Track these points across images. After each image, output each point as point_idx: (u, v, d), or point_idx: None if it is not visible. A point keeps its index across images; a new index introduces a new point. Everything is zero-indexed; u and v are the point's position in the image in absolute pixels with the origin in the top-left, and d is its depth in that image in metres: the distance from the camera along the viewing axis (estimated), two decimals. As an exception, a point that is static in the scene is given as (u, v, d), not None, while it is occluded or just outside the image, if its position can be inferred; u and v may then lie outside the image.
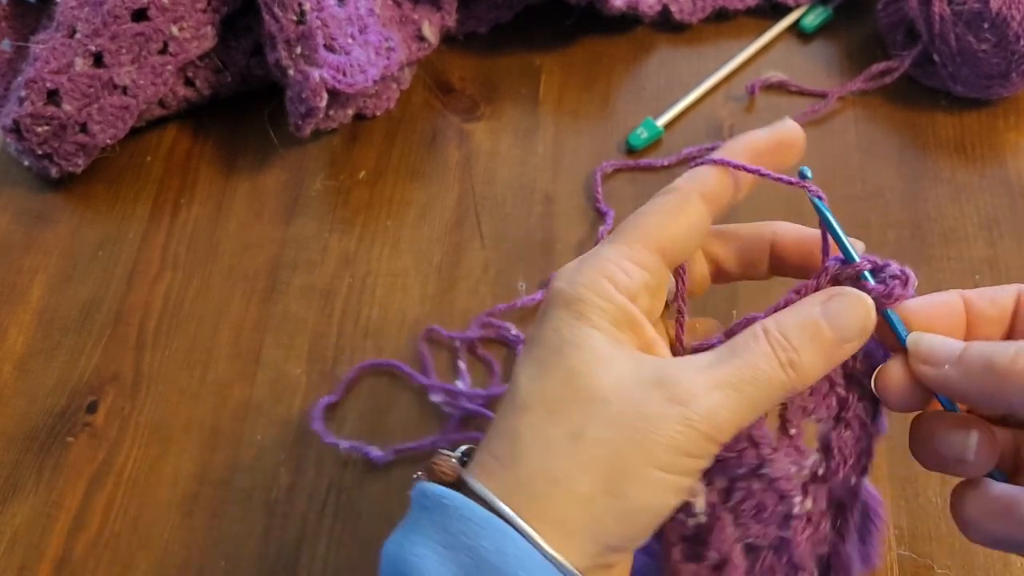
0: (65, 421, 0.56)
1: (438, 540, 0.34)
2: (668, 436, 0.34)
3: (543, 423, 0.35)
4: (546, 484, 0.35)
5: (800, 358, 0.36)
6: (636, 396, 0.35)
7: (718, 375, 0.36)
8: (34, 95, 0.61)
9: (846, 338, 0.37)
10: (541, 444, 0.35)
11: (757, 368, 0.36)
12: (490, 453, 0.36)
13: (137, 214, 0.64)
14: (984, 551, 0.49)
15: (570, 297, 0.37)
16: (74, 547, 0.52)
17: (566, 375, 0.36)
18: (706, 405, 0.35)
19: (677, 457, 0.35)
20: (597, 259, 0.38)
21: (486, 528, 0.34)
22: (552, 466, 0.35)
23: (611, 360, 0.36)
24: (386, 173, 0.65)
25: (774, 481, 0.38)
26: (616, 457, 0.34)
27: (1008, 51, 0.60)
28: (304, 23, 0.60)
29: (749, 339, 0.36)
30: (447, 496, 0.35)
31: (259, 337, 0.58)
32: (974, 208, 0.61)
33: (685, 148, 0.64)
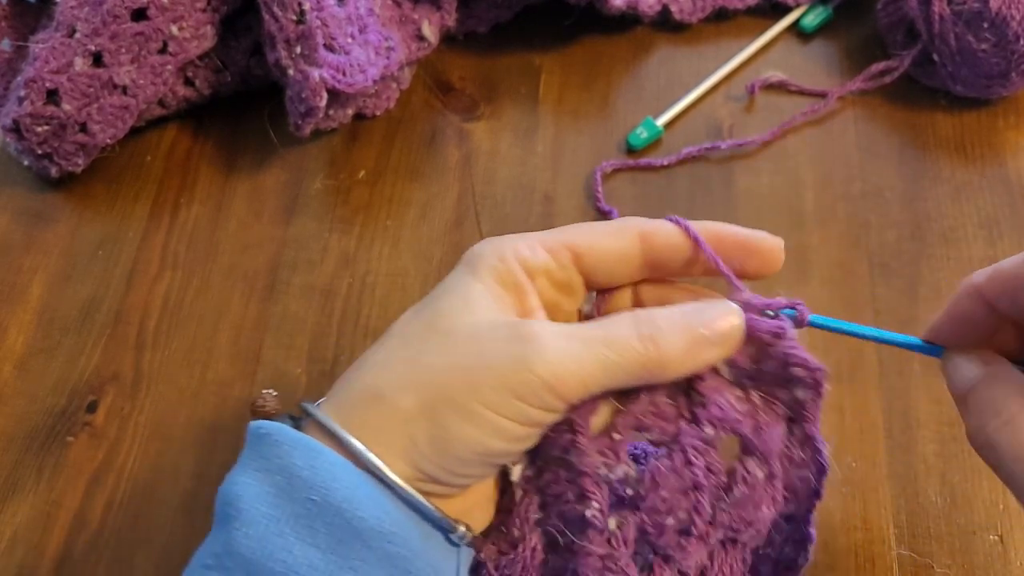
0: (65, 420, 0.56)
1: (255, 467, 0.35)
2: (499, 372, 0.34)
3: (390, 349, 0.37)
4: (370, 397, 0.36)
5: (661, 336, 0.36)
6: (483, 333, 0.36)
7: (572, 328, 0.36)
8: (34, 95, 0.61)
9: (714, 333, 0.37)
10: (378, 364, 0.37)
11: (615, 333, 0.36)
12: (341, 378, 0.38)
13: (137, 214, 0.64)
14: (984, 550, 0.49)
15: (471, 255, 0.39)
16: (74, 546, 0.52)
17: (431, 314, 0.37)
18: (549, 349, 0.35)
19: (504, 397, 0.35)
20: (513, 235, 0.39)
21: (297, 447, 0.35)
22: (379, 382, 0.36)
23: (475, 305, 0.37)
24: (386, 173, 0.65)
25: (580, 475, 0.37)
26: (443, 383, 0.35)
27: (1008, 51, 0.60)
28: (304, 23, 0.60)
29: (614, 315, 0.37)
30: (262, 426, 0.36)
31: (259, 337, 0.58)
32: (974, 208, 0.61)
33: (685, 148, 0.64)
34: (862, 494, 0.51)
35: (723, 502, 0.38)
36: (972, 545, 0.49)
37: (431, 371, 0.35)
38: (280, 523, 0.34)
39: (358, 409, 0.36)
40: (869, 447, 0.52)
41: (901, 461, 0.51)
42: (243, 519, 0.34)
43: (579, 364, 0.35)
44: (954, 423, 0.52)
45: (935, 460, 0.51)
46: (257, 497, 0.34)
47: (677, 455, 0.38)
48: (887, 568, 0.49)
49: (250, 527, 0.34)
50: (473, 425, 0.35)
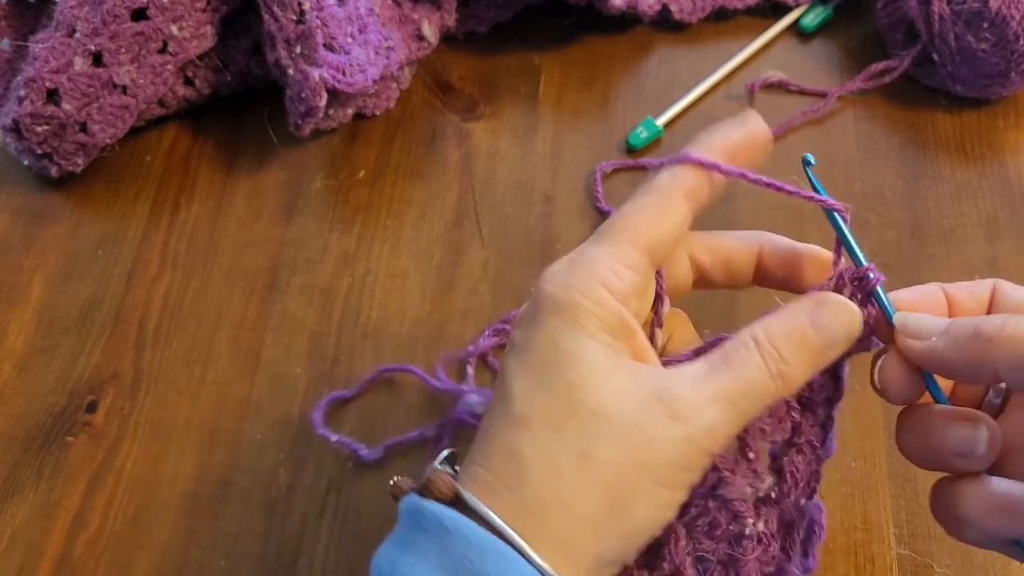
0: (65, 420, 0.56)
1: (438, 563, 0.33)
2: (671, 454, 0.35)
3: (546, 442, 0.35)
4: (553, 507, 0.34)
5: (789, 368, 0.36)
6: (638, 413, 0.35)
7: (714, 388, 0.35)
8: (34, 94, 0.61)
9: (832, 344, 0.37)
10: (547, 465, 0.34)
11: (750, 380, 0.36)
12: (490, 472, 0.35)
13: (137, 213, 0.64)
14: (983, 550, 0.49)
15: (563, 303, 0.36)
16: (74, 546, 0.52)
17: (566, 390, 0.35)
18: (706, 421, 0.35)
19: (678, 473, 0.35)
20: (587, 261, 0.37)
21: (489, 553, 0.33)
22: (559, 488, 0.34)
23: (610, 374, 0.35)
24: (386, 172, 0.65)
25: (729, 502, 0.38)
26: (621, 476, 0.34)
27: (1007, 50, 0.60)
28: (304, 22, 0.60)
29: (740, 349, 0.36)
30: (448, 517, 0.34)
31: (259, 336, 0.58)
32: (973, 207, 0.61)
33: (685, 147, 0.64)
34: (862, 494, 0.51)
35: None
36: (972, 545, 0.49)
37: (607, 467, 0.34)
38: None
39: (544, 523, 0.34)
40: (869, 447, 0.52)
41: (901, 461, 0.51)
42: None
43: (728, 425, 0.35)
44: (954, 423, 0.52)
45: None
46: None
47: (805, 447, 0.39)
48: (887, 568, 0.49)
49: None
50: (657, 507, 0.35)
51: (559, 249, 0.61)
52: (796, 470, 0.39)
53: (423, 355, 0.57)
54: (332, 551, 0.51)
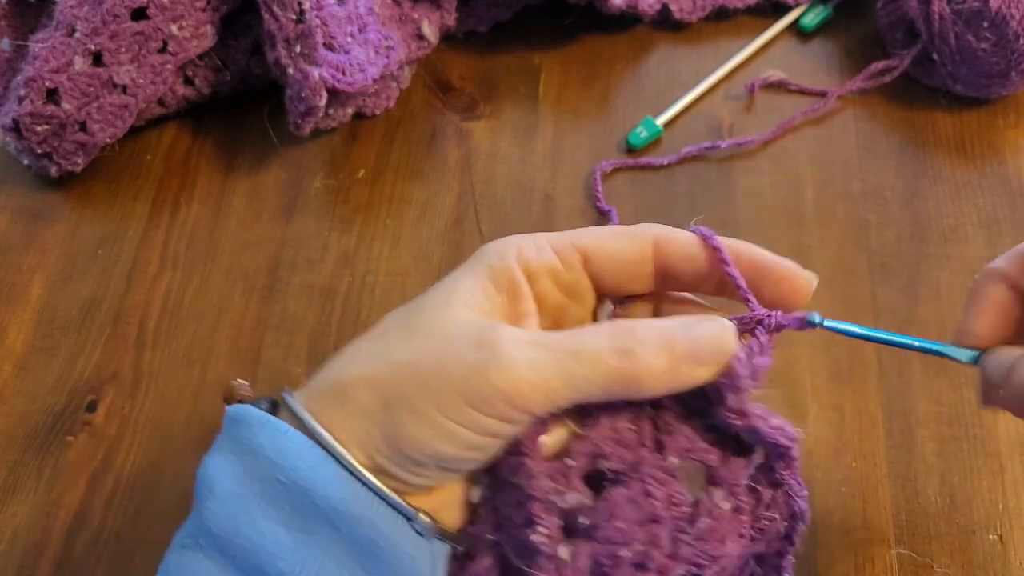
0: (65, 420, 0.56)
1: (227, 448, 0.36)
2: (455, 377, 0.34)
3: (365, 340, 0.37)
4: (336, 389, 0.36)
5: (640, 351, 0.34)
6: (449, 336, 0.35)
7: (540, 337, 0.34)
8: (33, 94, 0.61)
9: (698, 356, 0.35)
10: (350, 356, 0.37)
11: (585, 343, 0.34)
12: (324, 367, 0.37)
13: (137, 213, 0.64)
14: (984, 549, 0.49)
15: (477, 252, 0.38)
16: (74, 546, 0.52)
17: (413, 307, 0.37)
18: (510, 357, 0.33)
19: (458, 403, 0.34)
20: (525, 235, 0.38)
21: (264, 428, 0.35)
22: (345, 375, 0.36)
23: (456, 302, 0.36)
24: (385, 172, 0.65)
25: (528, 499, 0.35)
26: (403, 382, 0.35)
27: (1008, 50, 0.60)
28: (303, 22, 0.60)
29: (597, 324, 0.36)
30: (234, 410, 0.36)
31: (259, 336, 0.58)
32: (974, 207, 0.61)
33: (685, 147, 0.64)
34: (862, 493, 0.51)
35: (685, 534, 0.36)
36: (971, 544, 0.49)
37: (393, 368, 0.35)
38: (248, 501, 0.34)
39: (325, 400, 0.36)
40: (869, 447, 0.52)
41: (901, 461, 0.51)
42: (215, 498, 0.35)
43: (541, 376, 0.33)
44: (954, 423, 0.52)
45: (935, 460, 0.51)
46: (227, 477, 0.35)
47: (635, 484, 0.36)
48: (887, 567, 0.49)
49: (220, 506, 0.34)
50: (425, 428, 0.34)
51: (559, 249, 0.61)
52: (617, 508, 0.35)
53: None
54: (332, 551, 0.51)
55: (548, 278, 0.38)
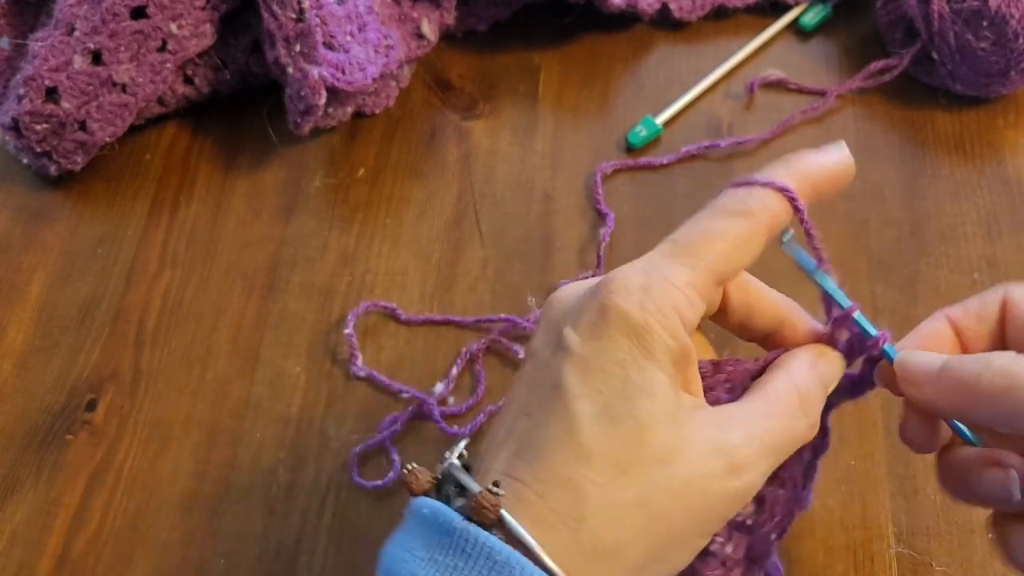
0: (64, 419, 0.56)
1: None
2: (721, 509, 0.35)
3: (610, 483, 0.33)
4: (606, 553, 0.33)
5: (816, 420, 0.37)
6: (699, 465, 0.34)
7: (766, 441, 0.35)
8: (33, 93, 0.61)
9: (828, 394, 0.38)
10: (607, 508, 0.33)
11: (793, 432, 0.36)
12: (544, 501, 0.33)
13: (136, 212, 0.64)
14: (983, 548, 0.49)
15: (638, 326, 0.34)
16: (73, 545, 0.52)
17: (635, 429, 0.33)
18: (755, 476, 0.35)
19: (720, 524, 0.36)
20: (665, 281, 0.35)
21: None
22: (615, 535, 0.33)
23: (675, 416, 0.34)
24: (385, 171, 0.65)
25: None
26: (672, 528, 0.34)
27: (1007, 49, 0.60)
28: (303, 21, 0.60)
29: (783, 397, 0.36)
30: (498, 551, 0.31)
31: (258, 335, 0.58)
32: (973, 206, 0.61)
33: (684, 146, 0.64)
34: (861, 492, 0.51)
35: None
36: (971, 543, 0.49)
37: (663, 519, 0.33)
38: None
39: (596, 569, 0.33)
40: (868, 445, 0.52)
41: (900, 459, 0.51)
42: None
43: (767, 475, 0.36)
44: (953, 421, 0.52)
45: (934, 458, 0.51)
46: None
47: (788, 485, 0.40)
48: (886, 566, 0.49)
49: None
50: (691, 554, 0.35)
51: (559, 248, 0.61)
52: (776, 503, 0.39)
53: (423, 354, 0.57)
54: (331, 550, 0.51)
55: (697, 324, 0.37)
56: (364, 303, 0.58)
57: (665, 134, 0.65)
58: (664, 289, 0.34)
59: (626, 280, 0.34)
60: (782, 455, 0.36)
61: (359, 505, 0.52)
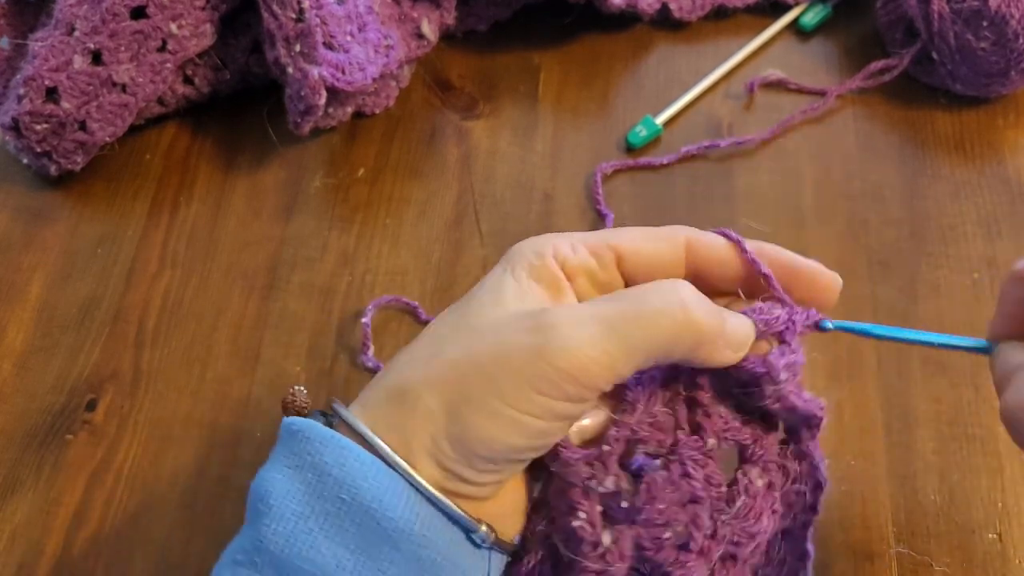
0: (64, 419, 0.56)
1: (286, 463, 0.35)
2: (516, 365, 0.33)
3: (417, 347, 0.36)
4: (395, 396, 0.35)
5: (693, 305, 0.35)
6: (504, 327, 0.34)
7: (597, 310, 0.34)
8: (33, 93, 0.61)
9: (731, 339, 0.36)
10: (405, 362, 0.36)
11: (645, 303, 0.34)
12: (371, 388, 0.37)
13: (136, 212, 0.64)
14: (983, 548, 0.49)
15: (510, 253, 0.38)
16: (73, 544, 0.52)
17: (461, 310, 0.37)
18: (568, 337, 0.33)
19: (523, 391, 0.33)
20: (557, 234, 0.39)
21: (328, 444, 0.34)
22: (403, 381, 0.35)
23: (504, 299, 0.36)
24: (385, 171, 0.65)
25: (569, 487, 0.36)
26: (461, 379, 0.34)
27: (1007, 49, 0.60)
28: (303, 21, 0.60)
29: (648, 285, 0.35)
30: (294, 423, 0.36)
31: (258, 335, 0.58)
32: (973, 206, 0.61)
33: (684, 146, 0.64)
34: (861, 492, 0.51)
35: (724, 514, 0.37)
36: (971, 543, 0.49)
37: (452, 367, 0.34)
38: (309, 521, 0.34)
39: (383, 408, 0.35)
40: (868, 445, 0.52)
41: (900, 459, 0.51)
42: (273, 515, 0.34)
43: (602, 350, 0.33)
44: (953, 422, 0.52)
45: (934, 458, 0.51)
46: (287, 494, 0.34)
47: (675, 467, 0.37)
48: (886, 566, 0.49)
49: (279, 524, 0.34)
50: (493, 422, 0.34)
51: (558, 248, 0.61)
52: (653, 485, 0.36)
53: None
54: (331, 549, 0.51)
55: (584, 277, 0.38)
56: (386, 297, 0.58)
57: (665, 134, 0.65)
58: (548, 235, 0.39)
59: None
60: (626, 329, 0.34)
61: (359, 505, 0.52)
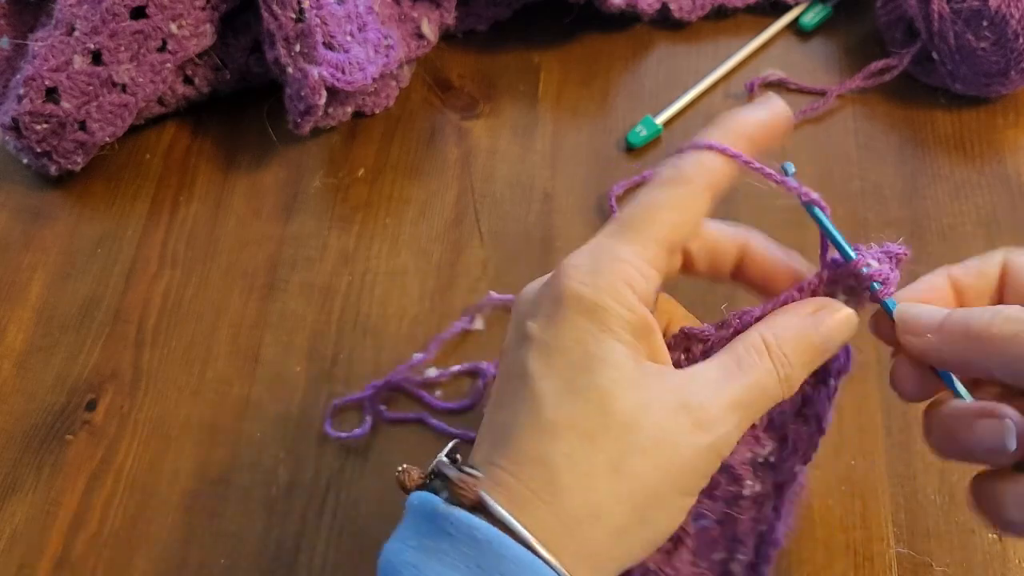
0: (64, 419, 0.56)
1: (458, 565, 0.33)
2: (695, 464, 0.35)
3: (579, 453, 0.34)
4: (585, 521, 0.34)
5: (794, 372, 0.37)
6: (666, 423, 0.35)
7: (732, 396, 0.36)
8: (33, 93, 0.61)
9: (830, 349, 0.38)
10: (580, 477, 0.34)
11: (763, 386, 0.36)
12: (518, 480, 0.34)
13: (136, 212, 0.64)
14: (983, 548, 0.49)
15: (590, 304, 0.35)
16: (73, 545, 0.52)
17: (598, 397, 0.34)
18: (725, 430, 0.35)
19: (699, 480, 0.36)
20: (613, 259, 0.36)
21: (524, 568, 0.32)
22: (591, 501, 0.34)
23: (637, 381, 0.35)
24: (385, 171, 0.65)
25: (730, 466, 0.40)
26: (649, 488, 0.35)
27: (1007, 49, 0.60)
28: (303, 21, 0.60)
29: (753, 354, 0.36)
30: (479, 529, 0.33)
31: (258, 335, 0.58)
32: (973, 206, 0.61)
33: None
34: (861, 492, 0.51)
35: None
36: (971, 543, 0.49)
37: (638, 479, 0.34)
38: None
39: (576, 537, 0.34)
40: (868, 445, 0.52)
41: (900, 459, 0.51)
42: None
43: (741, 429, 0.36)
44: (953, 421, 0.52)
45: (934, 459, 0.51)
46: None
47: (812, 419, 0.40)
48: (886, 566, 0.49)
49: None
50: (679, 513, 0.36)
51: (559, 247, 0.61)
52: (799, 439, 0.40)
53: (422, 353, 0.57)
54: (331, 549, 0.51)
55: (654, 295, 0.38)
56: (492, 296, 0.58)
57: (665, 134, 0.65)
58: (612, 266, 0.36)
59: (576, 264, 0.36)
60: (755, 408, 0.36)
61: (359, 505, 0.52)
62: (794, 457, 0.40)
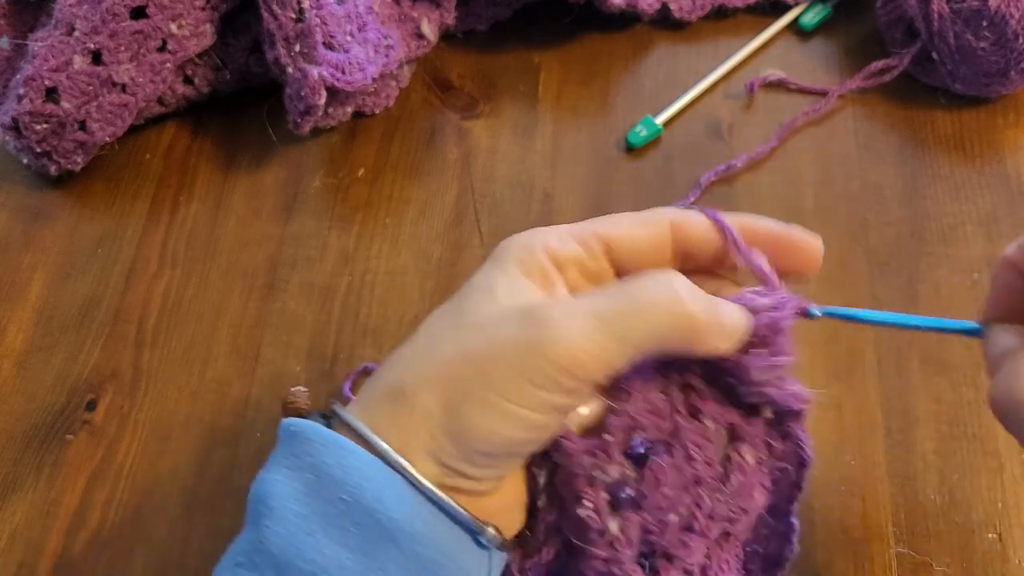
0: (64, 419, 0.56)
1: (286, 464, 0.35)
2: (510, 359, 0.34)
3: (413, 346, 0.36)
4: (393, 396, 0.35)
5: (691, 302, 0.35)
6: (497, 322, 0.35)
7: (590, 303, 0.34)
8: (33, 93, 0.61)
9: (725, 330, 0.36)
10: (402, 361, 0.36)
11: (638, 296, 0.35)
12: (368, 390, 0.37)
13: (136, 212, 0.64)
14: (983, 549, 0.49)
15: (498, 248, 0.38)
16: (73, 544, 0.52)
17: (454, 308, 0.37)
18: (562, 331, 0.33)
19: (519, 384, 0.34)
20: (544, 228, 0.38)
21: (328, 445, 0.34)
22: (401, 380, 0.35)
23: (497, 295, 0.36)
24: (385, 171, 0.65)
25: (573, 477, 0.37)
26: (460, 377, 0.34)
27: (1007, 49, 0.60)
28: (303, 21, 0.60)
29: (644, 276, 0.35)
30: (294, 424, 0.36)
31: (258, 335, 0.58)
32: (973, 206, 0.61)
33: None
34: (861, 492, 0.51)
35: (720, 493, 0.38)
36: (971, 543, 0.49)
37: (447, 365, 0.35)
38: (310, 521, 0.34)
39: (382, 408, 0.35)
40: (868, 445, 0.52)
41: (900, 459, 0.51)
42: (273, 516, 0.34)
43: (596, 342, 0.34)
44: (953, 422, 0.52)
45: (934, 458, 0.51)
46: (287, 495, 0.34)
47: (678, 451, 0.37)
48: (886, 566, 0.49)
49: (280, 525, 0.34)
50: (491, 417, 0.34)
51: (558, 247, 0.61)
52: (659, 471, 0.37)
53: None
54: (331, 549, 0.51)
55: (574, 267, 0.38)
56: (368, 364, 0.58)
57: (665, 134, 0.65)
58: (535, 229, 0.39)
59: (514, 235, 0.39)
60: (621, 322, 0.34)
61: (359, 505, 0.52)
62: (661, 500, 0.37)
